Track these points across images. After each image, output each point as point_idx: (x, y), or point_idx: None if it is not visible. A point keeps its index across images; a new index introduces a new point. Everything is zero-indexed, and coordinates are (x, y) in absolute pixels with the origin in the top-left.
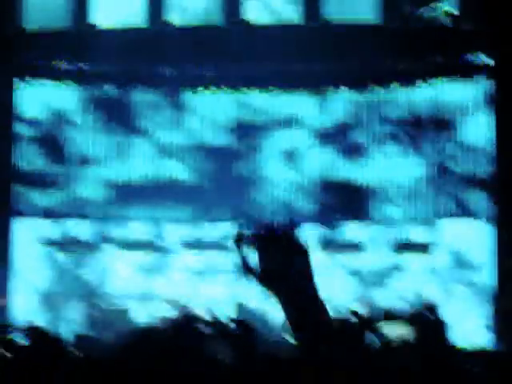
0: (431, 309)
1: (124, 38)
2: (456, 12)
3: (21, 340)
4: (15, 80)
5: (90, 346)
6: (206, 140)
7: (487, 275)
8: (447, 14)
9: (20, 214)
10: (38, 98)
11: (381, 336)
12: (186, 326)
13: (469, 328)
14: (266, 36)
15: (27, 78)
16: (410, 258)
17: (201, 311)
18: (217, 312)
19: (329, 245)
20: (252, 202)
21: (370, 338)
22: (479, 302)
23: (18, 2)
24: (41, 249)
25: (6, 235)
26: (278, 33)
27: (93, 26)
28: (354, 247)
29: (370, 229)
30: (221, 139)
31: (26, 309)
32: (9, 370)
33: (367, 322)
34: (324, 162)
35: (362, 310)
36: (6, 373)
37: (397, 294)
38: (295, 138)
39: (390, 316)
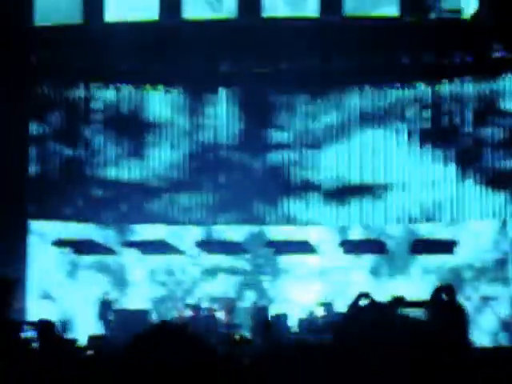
0: (448, 291)
1: (138, 33)
2: (478, 7)
3: (36, 339)
4: (29, 79)
5: (105, 347)
6: (223, 140)
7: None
8: (469, 9)
9: (36, 217)
10: (53, 98)
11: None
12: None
13: (492, 326)
14: (284, 31)
15: (41, 77)
16: (432, 258)
17: (217, 310)
18: (233, 311)
19: (348, 245)
20: (271, 205)
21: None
22: (502, 300)
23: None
24: (56, 251)
25: (23, 238)
26: (297, 27)
27: (106, 22)
28: (376, 247)
29: (391, 228)
30: (237, 140)
31: (41, 310)
32: (24, 368)
33: (385, 308)
34: (341, 161)
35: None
36: (21, 370)
37: (419, 294)
38: (314, 137)
39: (407, 302)
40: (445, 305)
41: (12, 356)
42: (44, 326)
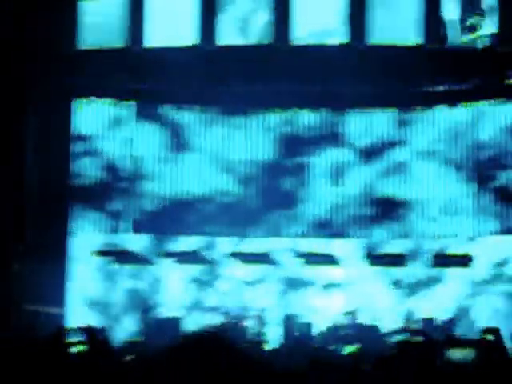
0: (494, 333)
1: (178, 57)
2: (496, 33)
3: (77, 343)
4: (73, 99)
5: (142, 351)
6: (256, 157)
7: None
8: (487, 35)
9: (77, 227)
10: (95, 117)
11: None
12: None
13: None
14: (313, 56)
15: (84, 97)
16: (451, 273)
17: (248, 321)
18: (264, 321)
19: (372, 258)
20: (298, 217)
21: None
22: None
23: (75, 23)
24: (96, 261)
25: (64, 248)
26: (324, 53)
27: (148, 46)
28: (397, 261)
29: (412, 243)
30: (270, 157)
31: (81, 318)
32: (65, 370)
33: (432, 346)
34: (367, 179)
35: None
36: (63, 373)
37: (438, 307)
38: (341, 156)
39: (454, 342)
40: (490, 346)
41: (60, 360)
42: (91, 332)
